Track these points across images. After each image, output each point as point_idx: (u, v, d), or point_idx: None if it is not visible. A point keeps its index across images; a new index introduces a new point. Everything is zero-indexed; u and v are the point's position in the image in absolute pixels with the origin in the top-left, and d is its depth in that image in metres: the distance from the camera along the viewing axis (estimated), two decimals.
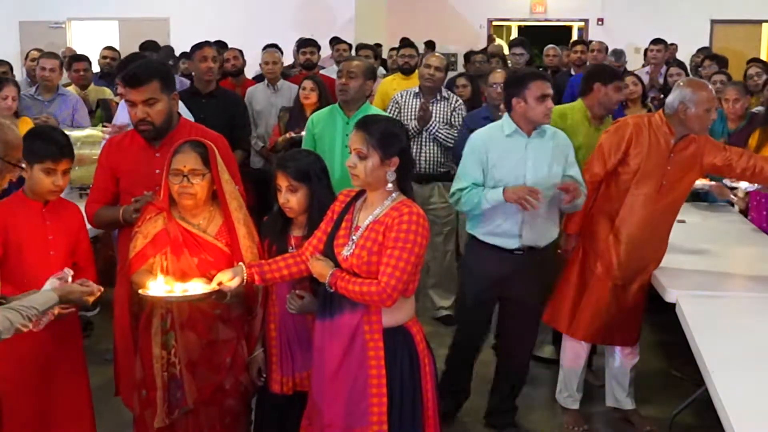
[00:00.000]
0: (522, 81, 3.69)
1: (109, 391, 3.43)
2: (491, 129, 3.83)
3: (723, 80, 6.44)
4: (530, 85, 3.64)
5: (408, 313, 2.77)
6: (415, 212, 2.64)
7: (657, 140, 3.81)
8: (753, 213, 4.93)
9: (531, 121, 3.69)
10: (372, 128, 2.70)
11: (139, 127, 3.29)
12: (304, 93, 5.63)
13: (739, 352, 2.91)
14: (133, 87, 3.22)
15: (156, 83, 3.23)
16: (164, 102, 3.26)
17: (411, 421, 2.73)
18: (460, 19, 14.04)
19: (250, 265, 2.86)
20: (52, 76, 5.91)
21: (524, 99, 3.65)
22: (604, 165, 3.87)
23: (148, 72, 3.24)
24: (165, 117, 3.28)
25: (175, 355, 3.02)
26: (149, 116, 3.23)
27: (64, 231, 3.13)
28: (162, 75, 3.27)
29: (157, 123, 3.26)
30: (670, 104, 3.80)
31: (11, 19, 11.85)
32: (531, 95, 3.63)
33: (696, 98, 3.72)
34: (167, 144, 3.25)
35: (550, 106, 3.68)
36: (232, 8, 11.38)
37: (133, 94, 3.23)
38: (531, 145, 3.72)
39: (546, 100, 3.65)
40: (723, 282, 3.85)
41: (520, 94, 3.66)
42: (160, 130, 3.29)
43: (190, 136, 3.24)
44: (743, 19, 13.17)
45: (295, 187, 3.03)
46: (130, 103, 3.26)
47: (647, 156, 3.80)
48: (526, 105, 3.66)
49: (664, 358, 5.09)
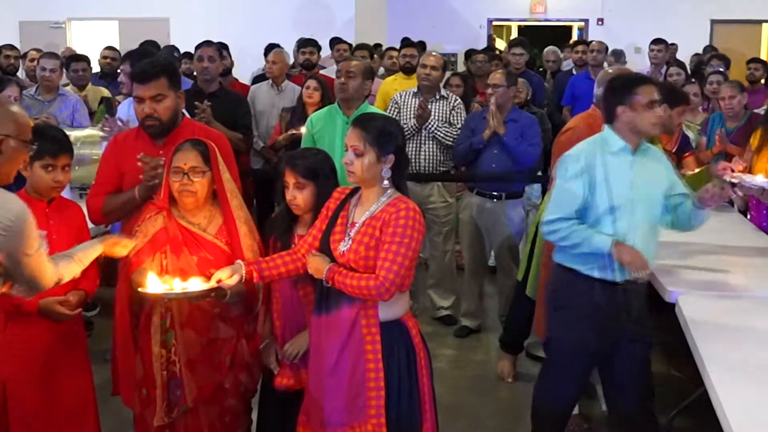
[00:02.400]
0: (629, 86, 3.28)
1: (109, 391, 3.44)
2: (592, 146, 3.34)
3: (720, 80, 6.45)
4: (638, 90, 3.26)
5: (404, 307, 2.80)
6: (411, 208, 2.68)
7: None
8: (753, 212, 4.93)
9: (639, 132, 3.28)
10: (368, 126, 2.74)
11: (145, 123, 3.33)
12: (307, 92, 5.64)
13: (739, 352, 2.91)
14: (142, 83, 3.28)
15: (164, 80, 3.30)
16: (171, 99, 3.32)
17: (408, 415, 2.76)
18: (460, 19, 14.03)
19: (248, 263, 2.88)
20: (53, 76, 5.91)
21: (631, 106, 3.24)
22: None
23: (156, 68, 3.31)
24: (171, 114, 3.33)
25: (175, 354, 3.03)
26: (156, 112, 3.29)
27: (67, 230, 3.15)
28: (169, 72, 3.35)
29: (163, 119, 3.31)
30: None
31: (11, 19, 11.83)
32: (639, 102, 3.23)
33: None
34: (170, 142, 3.28)
35: (660, 114, 3.29)
36: (232, 8, 11.37)
37: (141, 90, 3.29)
38: (637, 164, 3.31)
39: (655, 106, 3.25)
40: (723, 282, 3.85)
41: (626, 101, 3.25)
42: (166, 126, 3.33)
43: (193, 135, 3.28)
44: (743, 19, 13.16)
45: (303, 184, 3.04)
46: (137, 99, 3.31)
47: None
48: (634, 113, 3.24)
49: (664, 358, 5.08)
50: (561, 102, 7.69)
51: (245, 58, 7.67)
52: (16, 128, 2.37)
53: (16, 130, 2.37)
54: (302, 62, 7.25)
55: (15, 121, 2.37)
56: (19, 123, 2.38)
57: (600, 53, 7.73)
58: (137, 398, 3.14)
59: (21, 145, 2.39)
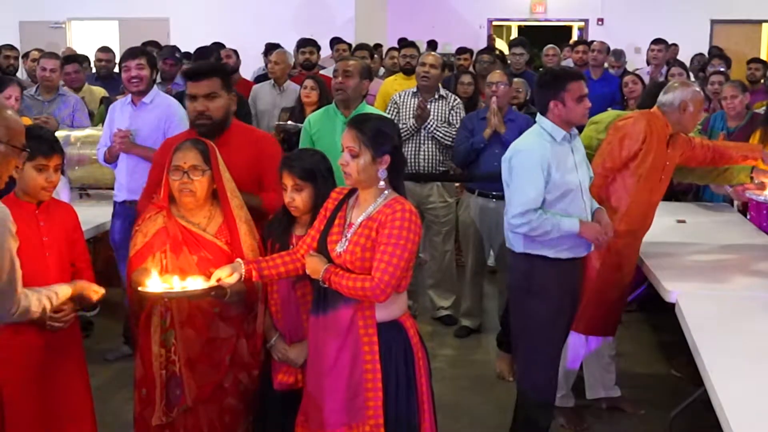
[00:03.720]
0: (559, 82, 3.53)
1: (109, 391, 3.44)
2: (539, 138, 3.55)
3: (721, 80, 6.45)
4: (568, 86, 3.49)
5: (401, 307, 2.80)
6: (408, 209, 2.68)
7: (660, 135, 3.91)
8: (753, 212, 4.93)
9: (571, 123, 3.54)
10: (364, 126, 2.74)
11: (196, 122, 3.36)
12: (305, 92, 5.66)
13: (739, 352, 2.91)
14: (195, 80, 3.34)
15: (217, 79, 3.36)
16: (224, 99, 3.38)
17: (407, 415, 2.75)
18: (460, 19, 14.03)
19: (248, 262, 2.88)
20: (53, 76, 5.91)
21: (562, 101, 3.49)
22: (619, 158, 3.87)
23: (210, 67, 3.43)
24: (223, 114, 3.38)
25: (174, 353, 3.03)
26: (208, 110, 3.33)
27: (59, 232, 3.11)
28: (223, 73, 3.44)
29: (215, 118, 3.35)
30: (670, 102, 3.91)
31: (11, 19, 11.84)
32: (570, 97, 3.49)
33: (696, 98, 3.92)
34: (220, 147, 3.29)
35: (588, 106, 3.57)
36: (232, 8, 11.38)
37: (194, 88, 3.34)
38: (575, 149, 3.59)
39: (584, 100, 3.53)
40: (723, 282, 3.85)
41: (558, 96, 3.49)
42: (217, 126, 3.36)
43: (243, 136, 3.36)
44: (743, 19, 13.17)
45: (301, 186, 3.04)
46: (190, 97, 3.35)
47: (657, 150, 3.88)
48: (566, 108, 3.49)
49: (664, 358, 5.09)
50: None
51: (245, 58, 7.67)
52: (6, 133, 2.35)
53: (7, 135, 2.35)
54: (302, 62, 7.26)
55: (6, 126, 2.35)
56: (10, 127, 2.36)
57: (600, 53, 7.73)
58: (137, 398, 3.13)
59: (12, 150, 2.37)
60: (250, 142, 3.47)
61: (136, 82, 4.56)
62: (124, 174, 4.59)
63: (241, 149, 3.38)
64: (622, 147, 3.88)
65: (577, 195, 3.52)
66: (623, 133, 3.92)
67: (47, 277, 3.01)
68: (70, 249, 3.15)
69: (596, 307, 3.95)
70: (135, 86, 4.57)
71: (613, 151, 3.92)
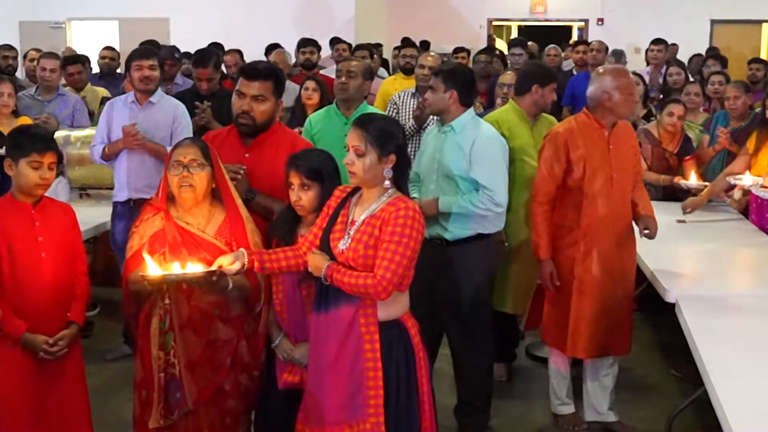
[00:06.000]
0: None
1: (109, 391, 3.44)
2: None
3: (721, 81, 6.45)
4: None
5: (403, 307, 2.80)
6: (411, 207, 2.68)
7: (591, 137, 3.80)
8: (753, 215, 4.91)
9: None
10: (369, 126, 2.73)
11: (239, 120, 3.36)
12: (306, 93, 5.64)
13: (739, 352, 2.91)
14: (250, 79, 3.33)
15: (270, 84, 3.34)
16: (271, 103, 3.36)
17: (407, 414, 2.76)
18: (460, 19, 14.03)
19: (251, 252, 2.88)
20: (52, 76, 5.91)
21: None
22: (554, 179, 3.81)
23: (267, 70, 3.38)
24: (267, 118, 3.36)
25: (174, 356, 3.02)
26: (252, 110, 3.32)
27: (55, 232, 3.10)
28: (278, 79, 3.40)
29: (257, 120, 3.34)
30: (593, 96, 3.80)
31: (11, 19, 11.84)
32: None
33: (617, 84, 3.75)
34: (258, 145, 3.34)
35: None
36: (233, 8, 11.38)
37: (246, 86, 3.33)
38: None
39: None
40: (723, 282, 3.85)
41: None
42: (258, 128, 3.36)
43: (282, 139, 3.36)
44: (743, 19, 13.17)
45: (308, 185, 3.03)
46: (239, 94, 3.34)
47: (589, 156, 3.77)
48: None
49: (663, 358, 5.09)
50: (560, 102, 7.69)
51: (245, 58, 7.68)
52: None
53: None
54: (302, 62, 7.26)
55: None
56: None
57: (600, 53, 7.74)
58: (137, 400, 3.13)
59: None
60: (287, 144, 3.43)
61: (147, 81, 4.58)
62: (127, 173, 4.56)
63: (277, 150, 3.36)
64: (547, 167, 3.82)
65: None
66: (542, 155, 3.88)
67: (42, 277, 3.02)
68: (66, 249, 3.14)
69: (590, 329, 3.82)
70: (146, 86, 4.59)
71: (540, 178, 3.86)
